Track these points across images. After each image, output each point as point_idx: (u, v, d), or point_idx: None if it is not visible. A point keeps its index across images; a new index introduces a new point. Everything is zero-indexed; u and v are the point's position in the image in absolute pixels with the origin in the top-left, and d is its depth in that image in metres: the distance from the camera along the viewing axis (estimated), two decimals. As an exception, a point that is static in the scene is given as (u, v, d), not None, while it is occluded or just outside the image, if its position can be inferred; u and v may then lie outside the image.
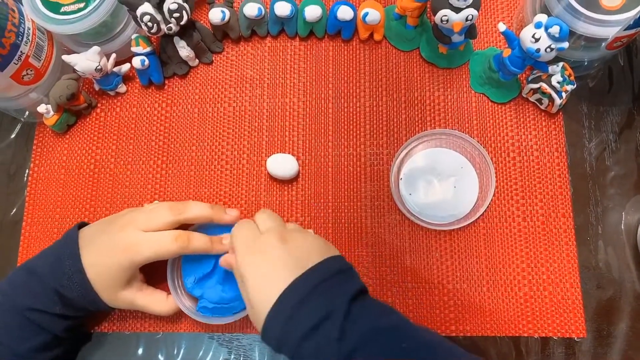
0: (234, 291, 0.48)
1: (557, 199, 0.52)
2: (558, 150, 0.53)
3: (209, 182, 0.55)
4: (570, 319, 0.49)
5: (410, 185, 0.53)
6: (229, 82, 0.58)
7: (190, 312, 0.48)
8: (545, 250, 0.51)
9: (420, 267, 0.51)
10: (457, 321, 0.50)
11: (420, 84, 0.56)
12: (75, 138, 0.58)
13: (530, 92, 0.52)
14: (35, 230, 0.56)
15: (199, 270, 0.48)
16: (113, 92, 0.58)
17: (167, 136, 0.57)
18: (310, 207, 0.54)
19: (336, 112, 0.56)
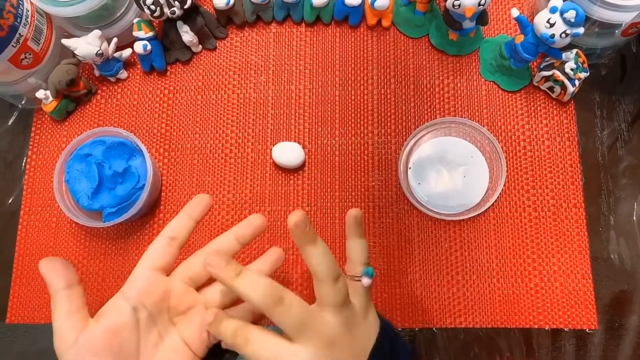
0: (127, 186, 0.50)
1: (569, 189, 0.51)
2: (569, 140, 0.52)
3: (213, 171, 0.54)
4: (581, 311, 0.48)
5: (419, 174, 0.52)
6: (233, 69, 0.56)
7: (99, 225, 0.49)
8: (556, 241, 0.50)
9: (428, 257, 0.50)
10: (467, 313, 0.49)
11: (430, 71, 0.55)
12: (74, 125, 0.56)
13: (542, 80, 0.51)
14: (34, 220, 0.54)
15: (87, 188, 0.50)
16: (114, 78, 0.56)
17: (170, 124, 0.56)
18: (316, 197, 0.52)
19: (343, 99, 0.55)
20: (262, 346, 0.32)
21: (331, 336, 0.32)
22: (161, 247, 0.40)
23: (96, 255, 0.53)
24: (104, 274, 0.52)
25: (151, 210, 0.53)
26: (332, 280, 0.33)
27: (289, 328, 0.32)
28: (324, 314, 0.33)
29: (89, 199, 0.50)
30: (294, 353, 0.31)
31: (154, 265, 0.39)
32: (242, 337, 0.32)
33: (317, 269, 0.33)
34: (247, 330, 0.33)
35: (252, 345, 0.32)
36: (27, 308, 0.52)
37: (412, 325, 0.49)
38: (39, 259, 0.52)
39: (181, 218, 0.42)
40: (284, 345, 0.32)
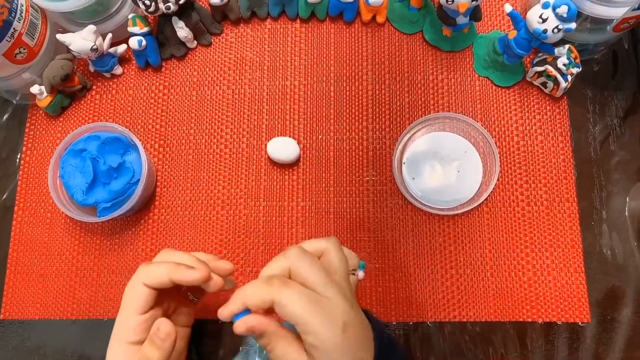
0: (121, 181, 0.50)
1: (562, 183, 0.51)
2: (562, 135, 0.52)
3: (208, 166, 0.54)
4: (574, 304, 0.48)
5: (413, 169, 0.52)
6: (228, 65, 0.56)
7: (94, 220, 0.50)
8: (549, 235, 0.50)
9: (423, 252, 0.50)
10: (461, 307, 0.49)
11: (424, 67, 0.55)
12: (69, 121, 0.56)
13: (535, 75, 0.52)
14: (28, 215, 0.54)
15: (82, 183, 0.50)
16: (109, 73, 0.56)
17: (165, 119, 0.56)
18: (311, 192, 0.53)
19: (338, 95, 0.55)
20: (285, 357, 0.31)
21: (344, 317, 0.31)
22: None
23: (91, 251, 0.53)
24: (98, 270, 0.52)
25: (146, 206, 0.53)
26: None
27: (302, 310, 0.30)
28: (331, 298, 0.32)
29: (83, 194, 0.50)
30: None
31: (143, 310, 0.36)
32: (270, 346, 0.32)
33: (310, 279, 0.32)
34: (274, 340, 0.32)
35: (277, 356, 0.32)
36: (21, 304, 0.52)
37: (407, 319, 0.49)
38: (33, 255, 0.53)
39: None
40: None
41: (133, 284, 0.34)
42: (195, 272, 0.34)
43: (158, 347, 0.33)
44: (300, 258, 0.32)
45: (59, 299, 0.52)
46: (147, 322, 0.34)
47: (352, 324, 0.31)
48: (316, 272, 0.32)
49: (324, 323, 0.30)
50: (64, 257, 0.53)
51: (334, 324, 0.30)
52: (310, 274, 0.32)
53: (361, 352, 0.32)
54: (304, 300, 0.30)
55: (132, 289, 0.34)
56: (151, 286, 0.34)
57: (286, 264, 0.32)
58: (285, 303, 0.30)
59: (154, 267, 0.35)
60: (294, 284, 0.31)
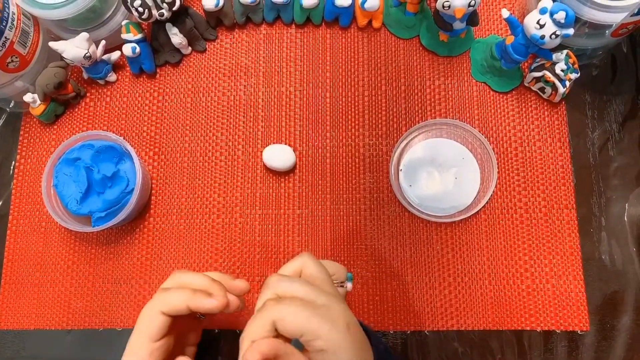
0: (116, 190, 0.50)
1: (560, 190, 0.51)
2: (560, 141, 0.52)
3: (203, 174, 0.54)
4: (573, 312, 0.48)
5: (410, 176, 0.52)
6: (223, 71, 0.56)
7: (88, 229, 0.49)
8: (547, 242, 0.50)
9: (420, 260, 0.50)
10: (458, 315, 0.49)
11: (420, 72, 0.54)
12: (63, 129, 0.56)
13: (533, 81, 0.51)
14: (22, 224, 0.54)
15: (76, 192, 0.49)
16: (103, 80, 0.56)
17: (159, 127, 0.55)
18: (307, 199, 0.52)
19: (334, 101, 0.54)
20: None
21: (346, 318, 0.31)
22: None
23: (86, 260, 0.52)
24: (93, 279, 0.52)
25: (141, 214, 0.53)
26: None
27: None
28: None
29: (77, 204, 0.49)
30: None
31: (157, 338, 0.36)
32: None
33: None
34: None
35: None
36: (16, 314, 0.52)
37: (404, 328, 0.49)
38: (28, 264, 0.53)
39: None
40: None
41: (149, 311, 0.34)
42: (214, 301, 0.33)
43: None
44: (279, 280, 0.32)
45: (54, 309, 0.52)
46: (161, 348, 0.34)
47: (353, 324, 0.31)
48: (301, 287, 0.32)
49: (329, 325, 0.30)
50: (58, 267, 0.52)
51: (339, 324, 0.30)
52: (297, 290, 0.31)
53: (364, 353, 0.32)
54: (302, 309, 0.30)
55: (148, 315, 0.34)
56: (168, 314, 0.33)
57: (270, 293, 0.32)
58: (285, 317, 0.30)
59: (172, 295, 0.34)
60: (287, 298, 0.31)
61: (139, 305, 0.51)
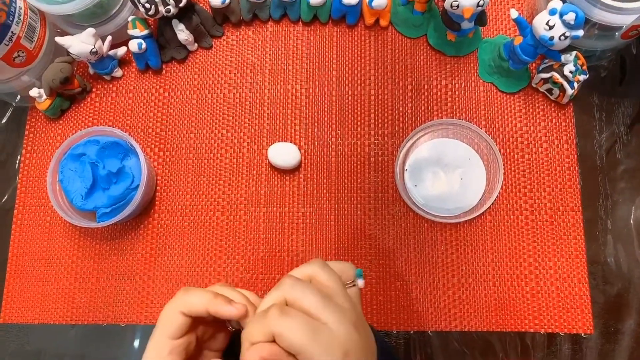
0: (120, 187, 0.50)
1: (566, 192, 0.50)
2: (568, 143, 0.51)
3: (208, 171, 0.53)
4: (577, 315, 0.48)
5: (416, 176, 0.51)
6: (229, 68, 0.56)
7: (93, 225, 0.49)
8: (552, 244, 0.49)
9: (424, 260, 0.50)
10: (462, 316, 0.49)
11: (427, 72, 0.54)
12: (69, 124, 0.56)
13: (541, 82, 0.51)
14: (27, 219, 0.54)
15: (81, 188, 0.49)
16: (109, 76, 0.56)
17: (165, 123, 0.55)
18: (312, 198, 0.52)
19: (340, 100, 0.54)
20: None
21: (345, 345, 0.30)
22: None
23: (90, 256, 0.52)
24: (98, 274, 0.52)
25: (145, 210, 0.53)
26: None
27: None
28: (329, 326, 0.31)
29: (82, 199, 0.49)
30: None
31: (178, 336, 0.35)
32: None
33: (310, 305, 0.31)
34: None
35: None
36: (20, 308, 0.52)
37: (407, 328, 0.49)
38: (32, 258, 0.53)
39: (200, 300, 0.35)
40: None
41: (169, 310, 0.34)
42: (232, 308, 0.33)
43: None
44: (293, 286, 0.31)
45: (58, 304, 0.52)
46: (180, 346, 0.34)
47: (354, 352, 0.30)
48: (311, 296, 0.31)
49: (325, 354, 0.29)
50: (63, 262, 0.53)
51: (335, 354, 0.29)
52: (305, 299, 0.31)
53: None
54: (304, 330, 0.29)
55: (168, 314, 0.34)
56: (187, 314, 0.33)
57: (280, 295, 0.31)
58: (284, 333, 0.29)
59: (193, 296, 0.34)
60: (292, 312, 0.30)
61: (142, 301, 0.51)
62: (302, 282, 0.32)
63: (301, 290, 0.31)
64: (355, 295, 0.36)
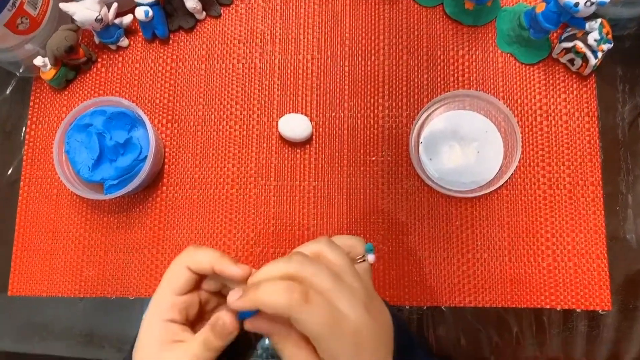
0: (128, 158, 0.48)
1: (586, 166, 0.49)
2: (589, 115, 0.50)
3: (217, 144, 0.52)
4: (595, 291, 0.47)
5: (431, 149, 0.50)
6: (238, 37, 0.54)
7: (100, 197, 0.48)
8: (571, 219, 0.48)
9: (438, 235, 0.49)
10: (477, 292, 0.48)
11: (444, 42, 0.52)
12: (74, 94, 0.54)
13: (562, 52, 0.49)
14: (34, 191, 0.53)
15: (88, 159, 0.48)
16: (114, 45, 0.54)
17: (172, 94, 0.54)
18: (323, 172, 0.51)
19: (353, 70, 0.52)
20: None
21: (357, 331, 0.29)
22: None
23: (97, 228, 0.52)
24: (105, 248, 0.51)
25: (154, 183, 0.52)
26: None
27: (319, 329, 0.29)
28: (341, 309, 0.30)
29: (89, 171, 0.48)
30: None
31: (182, 292, 0.35)
32: (279, 346, 0.31)
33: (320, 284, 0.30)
34: (283, 344, 0.31)
35: (285, 357, 0.31)
36: (28, 280, 0.51)
37: (420, 304, 0.48)
38: (39, 231, 0.52)
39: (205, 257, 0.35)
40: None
41: (176, 265, 0.33)
42: (237, 268, 0.32)
43: (222, 338, 0.32)
44: (303, 263, 0.30)
45: (66, 276, 0.51)
46: (183, 303, 0.33)
47: (367, 336, 0.29)
48: (323, 276, 0.30)
49: (338, 343, 0.28)
50: (70, 234, 0.52)
51: (348, 342, 0.29)
52: (316, 279, 0.30)
53: (378, 354, 0.30)
54: (325, 321, 0.28)
55: (174, 269, 0.33)
56: (193, 270, 0.33)
57: (288, 270, 0.30)
58: (305, 322, 0.28)
59: (200, 252, 0.33)
60: (315, 300, 0.29)
61: (151, 275, 0.50)
62: (312, 260, 0.31)
63: (312, 269, 0.30)
64: (366, 271, 0.34)
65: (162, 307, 0.33)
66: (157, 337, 0.32)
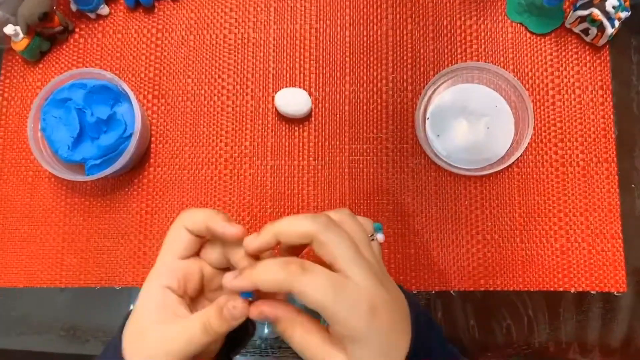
0: (112, 135, 0.44)
1: (600, 142, 0.47)
2: (603, 89, 0.47)
3: (209, 120, 0.48)
4: (609, 273, 0.45)
5: (438, 125, 0.47)
6: (230, 5, 0.50)
7: (82, 178, 0.45)
8: (584, 198, 0.46)
9: (447, 216, 0.46)
10: (487, 275, 0.45)
11: (451, 10, 0.49)
12: (49, 67, 0.50)
13: (576, 21, 0.46)
14: (7, 174, 0.49)
15: (67, 137, 0.44)
16: (93, 14, 0.50)
17: (159, 67, 0.50)
18: (324, 150, 0.48)
19: (354, 41, 0.49)
20: (305, 346, 0.28)
21: (372, 300, 0.27)
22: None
23: (79, 213, 0.48)
24: (88, 233, 0.47)
25: (140, 163, 0.48)
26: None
27: (323, 299, 0.27)
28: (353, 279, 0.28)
29: (69, 150, 0.44)
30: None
31: (182, 255, 0.33)
32: (288, 333, 0.29)
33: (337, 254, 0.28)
34: (291, 330, 0.29)
35: (295, 343, 0.29)
36: (4, 271, 0.47)
37: (428, 288, 0.45)
38: (14, 218, 0.48)
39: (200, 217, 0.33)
40: (324, 352, 0.28)
41: (174, 228, 0.32)
42: (229, 226, 0.30)
43: (227, 322, 0.29)
44: (328, 227, 0.28)
45: (46, 266, 0.47)
46: (183, 270, 0.31)
47: (383, 306, 0.27)
48: (344, 244, 0.28)
49: (350, 310, 0.26)
50: (49, 220, 0.48)
51: (361, 309, 0.27)
52: (338, 246, 0.28)
53: (395, 336, 0.28)
54: (327, 286, 0.27)
55: (172, 232, 0.32)
56: (191, 231, 0.31)
57: (312, 229, 0.28)
58: (306, 291, 0.26)
59: (197, 211, 0.32)
60: (314, 268, 0.27)
61: (138, 262, 0.47)
62: (337, 226, 0.29)
63: (336, 235, 0.28)
64: (377, 250, 0.33)
65: (161, 272, 0.31)
66: (155, 304, 0.30)
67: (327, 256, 0.28)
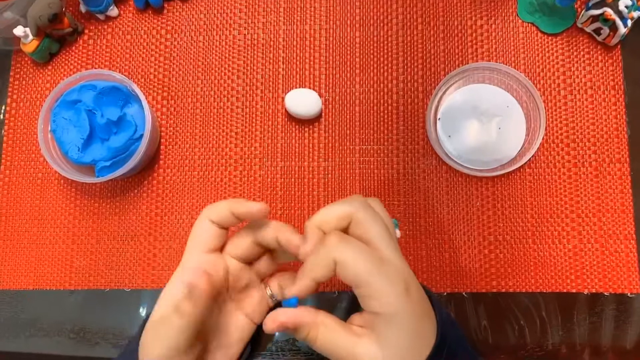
0: (122, 137, 0.44)
1: (613, 142, 0.46)
2: (615, 89, 0.47)
3: (219, 122, 0.48)
4: (623, 274, 0.45)
5: (449, 126, 0.47)
6: (239, 6, 0.50)
7: (91, 180, 0.44)
8: (597, 199, 0.46)
9: (458, 217, 0.46)
10: (499, 276, 0.45)
11: (461, 11, 0.49)
12: (58, 69, 0.50)
13: (588, 20, 0.46)
14: (16, 175, 0.48)
15: (77, 138, 0.44)
16: (103, 15, 0.50)
17: (168, 69, 0.49)
18: (334, 151, 0.47)
19: (364, 41, 0.49)
20: (332, 343, 0.29)
21: (406, 279, 0.28)
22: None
23: (89, 215, 0.47)
24: (97, 235, 0.47)
25: (149, 165, 0.48)
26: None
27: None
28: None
29: (79, 151, 0.44)
30: (365, 352, 0.28)
31: (208, 248, 0.33)
32: (310, 336, 0.29)
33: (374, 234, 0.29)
34: (314, 330, 0.29)
35: (321, 343, 0.29)
36: (13, 273, 0.47)
37: (440, 290, 0.45)
38: (24, 220, 0.48)
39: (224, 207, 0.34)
40: (352, 342, 0.28)
41: (198, 222, 0.33)
42: (255, 204, 0.32)
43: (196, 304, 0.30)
44: (365, 208, 0.29)
45: (55, 268, 0.47)
46: (209, 263, 0.32)
47: (415, 288, 0.28)
48: (380, 225, 0.29)
49: (389, 285, 0.27)
50: (58, 222, 0.48)
51: (399, 286, 0.27)
52: (375, 226, 0.28)
53: (424, 321, 0.28)
54: (367, 259, 0.27)
55: (197, 226, 0.33)
56: (216, 222, 0.32)
57: (348, 210, 0.29)
58: (347, 261, 0.27)
59: (217, 203, 0.33)
60: (352, 240, 0.28)
61: (148, 264, 0.47)
62: (372, 207, 0.30)
63: (372, 216, 0.29)
64: None
65: (187, 267, 0.32)
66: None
67: (365, 234, 0.29)
